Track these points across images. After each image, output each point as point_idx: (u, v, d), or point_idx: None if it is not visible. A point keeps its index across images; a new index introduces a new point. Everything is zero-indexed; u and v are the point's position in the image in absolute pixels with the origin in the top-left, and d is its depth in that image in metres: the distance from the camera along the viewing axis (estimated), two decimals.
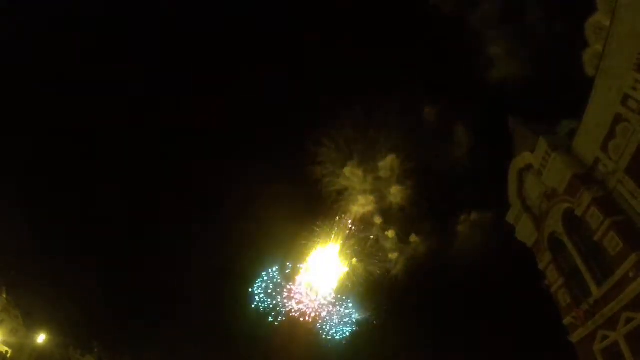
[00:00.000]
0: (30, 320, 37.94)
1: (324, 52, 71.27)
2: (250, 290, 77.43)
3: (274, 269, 77.08)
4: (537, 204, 25.80)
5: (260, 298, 75.31)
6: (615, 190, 19.61)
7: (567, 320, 23.21)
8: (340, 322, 77.00)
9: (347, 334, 76.97)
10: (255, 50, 79.27)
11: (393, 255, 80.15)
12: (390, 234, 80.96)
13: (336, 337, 76.34)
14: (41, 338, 38.64)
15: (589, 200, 20.46)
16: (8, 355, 36.42)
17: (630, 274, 17.82)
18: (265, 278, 74.10)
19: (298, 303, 75.17)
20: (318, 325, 75.37)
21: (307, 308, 75.85)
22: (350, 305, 78.12)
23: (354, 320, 77.36)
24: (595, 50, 19.52)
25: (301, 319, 74.98)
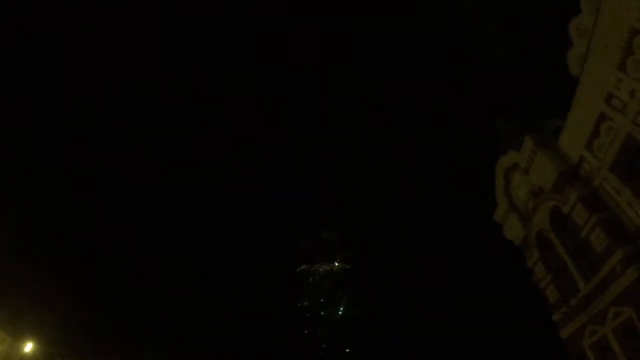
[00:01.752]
0: (16, 329, 37.32)
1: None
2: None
3: None
4: (523, 203, 26.12)
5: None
6: (601, 187, 19.96)
7: (556, 316, 23.56)
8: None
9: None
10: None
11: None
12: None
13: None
14: (28, 347, 37.98)
15: (575, 198, 20.82)
16: None
17: (617, 269, 18.17)
18: None
19: None
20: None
21: None
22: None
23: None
24: (580, 51, 19.84)
25: None
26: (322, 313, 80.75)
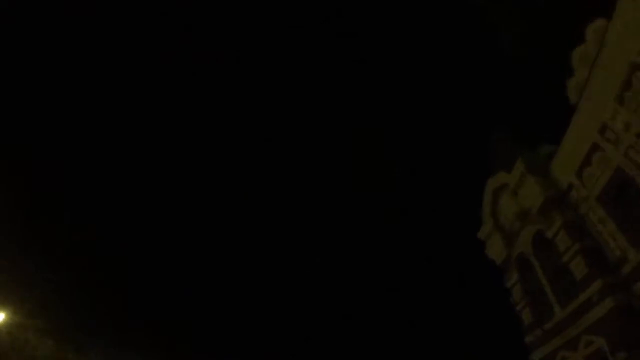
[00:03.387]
0: None
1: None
2: None
3: None
4: (509, 223, 26.18)
5: None
6: (586, 216, 20.11)
7: (528, 338, 23.65)
8: None
9: None
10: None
11: None
12: None
13: None
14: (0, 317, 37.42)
15: (560, 224, 20.93)
16: None
17: (594, 299, 18.29)
18: None
19: None
20: None
21: None
22: None
23: None
24: (580, 79, 19.96)
25: None
26: (322, 313, 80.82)
